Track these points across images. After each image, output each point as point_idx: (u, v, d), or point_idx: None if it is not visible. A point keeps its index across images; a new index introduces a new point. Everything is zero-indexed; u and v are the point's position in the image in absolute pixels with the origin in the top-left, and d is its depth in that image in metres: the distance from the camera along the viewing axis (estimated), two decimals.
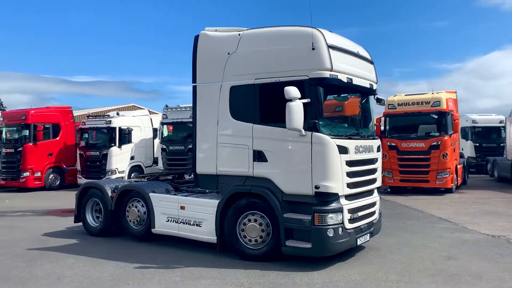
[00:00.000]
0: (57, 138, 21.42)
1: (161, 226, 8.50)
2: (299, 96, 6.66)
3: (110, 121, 20.65)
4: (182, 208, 8.21)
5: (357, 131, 7.74)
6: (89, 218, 9.89)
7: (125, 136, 20.74)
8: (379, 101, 8.41)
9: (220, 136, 7.78)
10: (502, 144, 27.53)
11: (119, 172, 20.50)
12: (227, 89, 7.72)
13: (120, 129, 20.62)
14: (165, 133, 20.94)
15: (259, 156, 7.30)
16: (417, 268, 6.90)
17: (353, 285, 6.15)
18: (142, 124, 22.06)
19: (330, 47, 6.92)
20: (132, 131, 21.08)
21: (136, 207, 9.03)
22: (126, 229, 9.25)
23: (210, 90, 7.95)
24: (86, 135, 21.28)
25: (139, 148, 21.66)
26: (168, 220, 8.40)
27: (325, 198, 6.81)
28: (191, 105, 20.52)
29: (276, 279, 6.39)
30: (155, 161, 22.67)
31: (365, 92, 7.98)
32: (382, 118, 17.50)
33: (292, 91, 6.62)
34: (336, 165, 6.84)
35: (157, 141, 21.87)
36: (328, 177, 6.77)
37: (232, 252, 7.57)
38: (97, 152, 20.60)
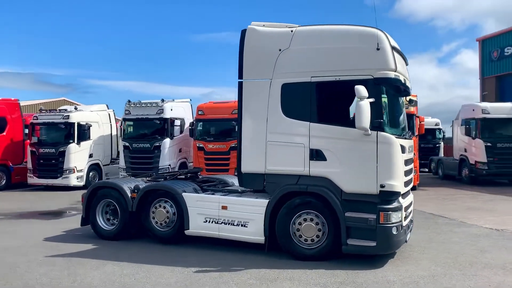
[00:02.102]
0: (4, 134, 19.49)
1: (198, 227, 8.10)
2: (367, 95, 6.72)
3: (68, 116, 19.20)
4: (224, 208, 7.89)
5: (404, 131, 7.98)
6: (100, 220, 9.14)
7: (84, 132, 19.43)
8: (411, 102, 8.73)
9: (270, 134, 7.58)
10: (437, 145, 29.91)
11: (77, 171, 19.15)
12: (278, 87, 7.55)
13: (79, 124, 19.26)
14: (127, 130, 20.00)
15: (317, 155, 7.24)
16: (467, 262, 7.28)
17: (431, 280, 6.33)
18: (100, 119, 20.79)
19: (393, 48, 7.07)
20: (91, 127, 19.79)
21: (164, 207, 8.51)
22: (149, 231, 8.68)
23: (258, 87, 7.72)
24: (39, 131, 19.56)
25: (98, 145, 20.40)
26: (206, 221, 8.02)
27: (389, 197, 6.93)
28: (155, 101, 20.06)
29: (352, 278, 6.40)
30: (114, 159, 21.54)
31: (408, 93, 8.24)
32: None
33: (363, 90, 6.66)
34: (400, 164, 7.01)
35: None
36: (393, 176, 6.90)
37: (286, 252, 7.43)
38: (53, 149, 19.06)
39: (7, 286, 6.17)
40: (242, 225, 7.74)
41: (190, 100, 21.73)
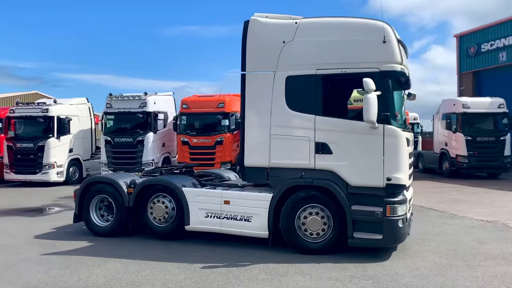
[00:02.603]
0: None
1: (198, 222, 7.94)
2: (375, 88, 6.70)
3: (47, 109, 18.59)
4: (227, 202, 7.75)
5: (405, 124, 8.00)
6: (94, 217, 8.85)
7: (64, 126, 18.89)
8: (409, 95, 8.76)
9: (274, 127, 7.48)
10: (416, 139, 30.48)
11: (57, 166, 18.58)
12: (283, 79, 7.45)
13: (58, 118, 18.68)
14: (109, 124, 19.50)
15: (322, 148, 7.18)
16: (469, 253, 7.39)
17: (438, 271, 6.38)
18: (81, 113, 20.22)
19: (398, 41, 7.06)
20: (71, 121, 19.23)
21: (163, 203, 8.30)
22: (147, 227, 8.46)
23: (261, 79, 7.59)
24: (15, 125, 18.87)
25: (78, 139, 19.86)
26: (208, 215, 7.87)
27: (395, 190, 6.95)
28: (138, 94, 19.61)
29: (361, 271, 6.39)
30: (93, 154, 21.02)
31: (409, 86, 8.24)
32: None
33: (371, 83, 6.64)
34: (406, 157, 7.04)
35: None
36: (399, 169, 6.92)
37: (291, 247, 7.36)
38: (31, 144, 18.42)
39: (11, 287, 5.89)
40: (245, 220, 7.62)
41: (173, 93, 21.40)
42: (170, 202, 8.28)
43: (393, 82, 7.12)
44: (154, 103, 19.30)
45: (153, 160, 19.04)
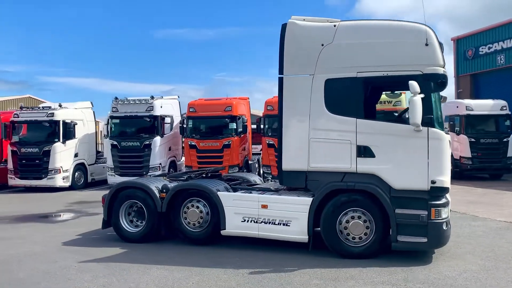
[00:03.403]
0: None
1: (235, 227, 7.85)
2: (420, 91, 6.70)
3: (53, 113, 18.29)
4: (264, 207, 7.68)
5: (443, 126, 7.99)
6: (123, 223, 8.70)
7: (70, 130, 18.59)
8: (440, 98, 8.77)
9: (313, 130, 7.44)
10: None
11: (63, 171, 18.29)
12: (322, 82, 7.42)
13: (64, 122, 18.40)
14: (114, 128, 19.28)
15: (365, 152, 7.16)
16: (509, 255, 7.41)
17: (487, 274, 6.39)
18: (85, 117, 19.95)
19: (439, 43, 7.08)
20: (76, 125, 18.96)
21: (197, 207, 8.19)
22: (180, 232, 8.34)
23: (299, 82, 7.55)
24: (20, 129, 18.54)
25: (83, 144, 19.55)
26: (245, 220, 7.79)
27: (440, 193, 6.96)
28: (144, 97, 19.45)
29: (412, 275, 6.37)
30: (98, 158, 20.77)
31: (444, 88, 8.23)
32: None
33: (417, 86, 6.64)
34: (449, 159, 7.06)
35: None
36: (443, 172, 6.93)
37: (332, 251, 7.32)
38: (37, 149, 18.10)
39: None
40: (284, 224, 7.56)
41: (178, 97, 21.24)
42: (204, 207, 8.18)
43: (434, 85, 7.13)
44: (161, 106, 19.14)
45: (160, 164, 18.87)
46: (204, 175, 9.67)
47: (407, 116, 7.69)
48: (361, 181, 7.19)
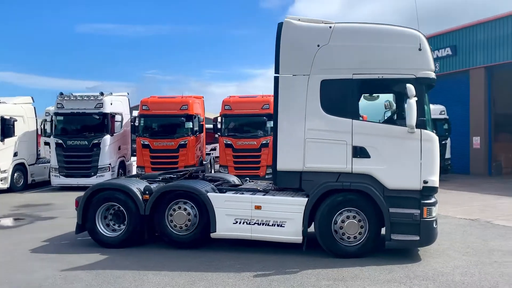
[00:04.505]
0: None
1: (226, 229, 7.62)
2: (415, 94, 6.93)
3: None
4: (258, 208, 7.53)
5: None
6: (100, 227, 8.13)
7: (9, 127, 17.13)
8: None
9: (308, 131, 7.42)
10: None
11: (1, 172, 16.81)
12: (317, 83, 7.42)
13: (3, 119, 16.90)
14: (59, 125, 18.06)
15: (360, 152, 7.26)
16: (485, 250, 7.89)
17: (479, 268, 6.72)
18: (25, 113, 18.49)
19: (430, 49, 7.38)
20: (16, 122, 17.50)
21: (184, 209, 7.85)
22: (165, 236, 7.94)
23: (295, 83, 7.50)
24: None
25: (23, 142, 18.11)
26: (237, 222, 7.59)
27: (431, 192, 7.23)
28: (93, 94, 18.41)
29: (411, 271, 6.55)
30: (38, 158, 19.34)
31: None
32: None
33: (413, 89, 6.86)
34: (438, 160, 7.34)
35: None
36: (434, 172, 7.20)
37: (326, 251, 7.35)
38: None
39: None
40: (278, 225, 7.46)
41: (128, 93, 20.36)
42: (192, 209, 7.87)
43: (426, 88, 7.41)
44: (111, 103, 18.25)
45: (110, 164, 18.00)
46: (187, 176, 9.30)
47: (394, 118, 7.97)
48: (356, 181, 7.28)
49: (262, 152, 17.90)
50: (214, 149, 23.86)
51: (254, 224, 7.55)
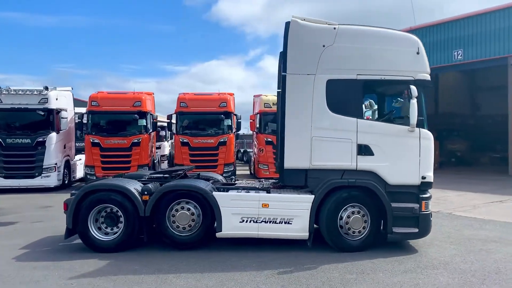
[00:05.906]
0: None
1: (233, 228, 7.52)
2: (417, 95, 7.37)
3: None
4: (265, 206, 7.53)
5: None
6: (93, 230, 7.63)
7: None
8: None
9: (315, 129, 7.58)
10: None
11: None
12: (323, 82, 7.60)
13: None
14: None
15: (365, 150, 7.56)
16: (465, 239, 8.57)
17: (475, 256, 7.29)
18: None
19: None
20: None
21: (188, 209, 7.62)
22: (166, 237, 7.64)
23: (302, 82, 7.61)
24: None
25: None
26: (243, 220, 7.52)
27: (427, 187, 7.71)
28: (37, 88, 17.14)
29: (418, 262, 6.96)
30: None
31: None
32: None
33: (416, 90, 7.28)
34: (433, 157, 7.85)
35: None
36: (430, 168, 7.70)
37: (332, 245, 7.57)
38: None
39: None
40: (285, 223, 7.53)
41: (72, 88, 19.12)
42: (195, 209, 7.66)
43: (423, 90, 7.88)
44: (56, 99, 17.09)
45: (55, 164, 16.85)
46: (181, 175, 8.97)
47: (392, 118, 8.36)
48: (360, 178, 7.57)
49: (219, 150, 17.75)
50: (158, 148, 23.17)
51: (261, 222, 7.54)
